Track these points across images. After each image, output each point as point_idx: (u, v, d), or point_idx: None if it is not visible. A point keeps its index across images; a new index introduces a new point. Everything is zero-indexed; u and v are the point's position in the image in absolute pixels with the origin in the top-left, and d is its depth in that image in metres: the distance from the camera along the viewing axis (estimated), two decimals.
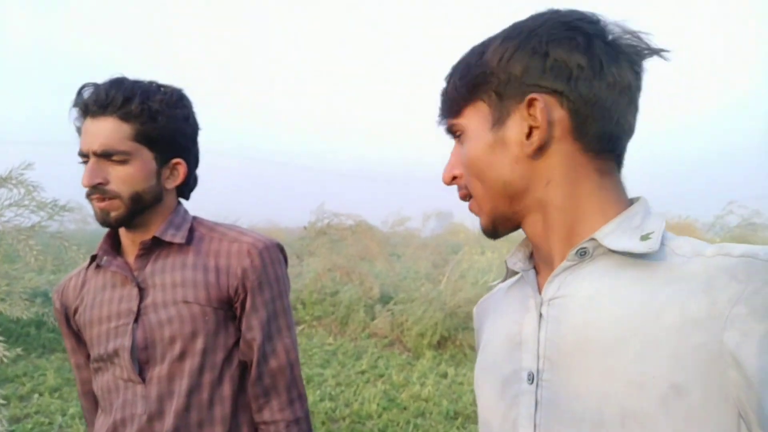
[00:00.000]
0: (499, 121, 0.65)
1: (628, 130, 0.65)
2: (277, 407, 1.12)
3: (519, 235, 0.73)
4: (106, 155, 1.02)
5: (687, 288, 0.56)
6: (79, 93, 1.06)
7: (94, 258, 1.16)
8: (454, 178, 0.72)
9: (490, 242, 8.56)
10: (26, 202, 2.55)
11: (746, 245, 0.57)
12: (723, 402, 0.52)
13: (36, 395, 4.26)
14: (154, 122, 1.05)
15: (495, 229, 0.71)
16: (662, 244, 0.61)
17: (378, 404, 4.23)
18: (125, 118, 1.02)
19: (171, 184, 1.12)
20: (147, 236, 1.12)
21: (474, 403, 4.33)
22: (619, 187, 0.66)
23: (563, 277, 0.65)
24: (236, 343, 1.13)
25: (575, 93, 0.62)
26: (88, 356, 1.18)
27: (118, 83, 1.04)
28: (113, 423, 1.07)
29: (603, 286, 0.61)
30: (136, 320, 1.08)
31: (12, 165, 2.54)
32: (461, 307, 6.25)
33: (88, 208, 1.09)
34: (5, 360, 2.37)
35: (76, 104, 1.06)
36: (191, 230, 1.15)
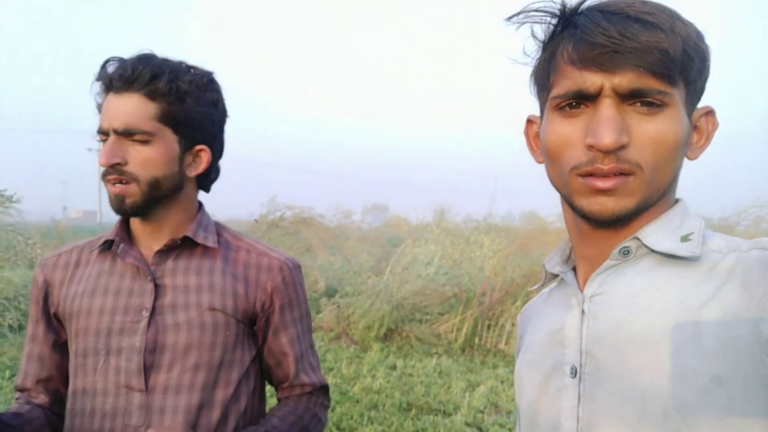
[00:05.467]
0: (689, 113, 0.63)
1: None
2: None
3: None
4: (127, 134, 0.95)
5: (725, 283, 0.58)
6: (103, 67, 0.98)
7: (105, 243, 1.05)
8: (622, 147, 0.59)
9: (431, 235, 8.68)
10: None
11: None
12: (763, 389, 0.54)
13: None
14: (182, 103, 0.98)
15: (633, 215, 0.63)
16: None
17: (330, 398, 4.20)
18: (151, 96, 0.96)
19: (192, 172, 1.04)
20: (164, 229, 1.04)
21: (426, 395, 4.40)
22: None
23: (605, 275, 0.66)
24: (253, 360, 1.08)
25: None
26: (55, 345, 1.06)
27: (147, 59, 0.97)
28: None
29: (643, 283, 0.63)
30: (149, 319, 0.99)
31: None
32: (407, 299, 6.32)
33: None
34: None
35: (99, 78, 0.98)
36: (217, 234, 1.10)
